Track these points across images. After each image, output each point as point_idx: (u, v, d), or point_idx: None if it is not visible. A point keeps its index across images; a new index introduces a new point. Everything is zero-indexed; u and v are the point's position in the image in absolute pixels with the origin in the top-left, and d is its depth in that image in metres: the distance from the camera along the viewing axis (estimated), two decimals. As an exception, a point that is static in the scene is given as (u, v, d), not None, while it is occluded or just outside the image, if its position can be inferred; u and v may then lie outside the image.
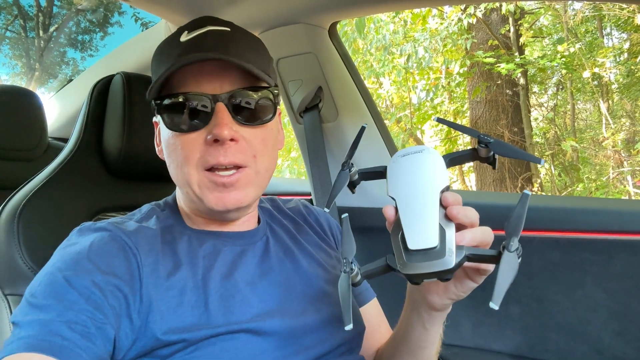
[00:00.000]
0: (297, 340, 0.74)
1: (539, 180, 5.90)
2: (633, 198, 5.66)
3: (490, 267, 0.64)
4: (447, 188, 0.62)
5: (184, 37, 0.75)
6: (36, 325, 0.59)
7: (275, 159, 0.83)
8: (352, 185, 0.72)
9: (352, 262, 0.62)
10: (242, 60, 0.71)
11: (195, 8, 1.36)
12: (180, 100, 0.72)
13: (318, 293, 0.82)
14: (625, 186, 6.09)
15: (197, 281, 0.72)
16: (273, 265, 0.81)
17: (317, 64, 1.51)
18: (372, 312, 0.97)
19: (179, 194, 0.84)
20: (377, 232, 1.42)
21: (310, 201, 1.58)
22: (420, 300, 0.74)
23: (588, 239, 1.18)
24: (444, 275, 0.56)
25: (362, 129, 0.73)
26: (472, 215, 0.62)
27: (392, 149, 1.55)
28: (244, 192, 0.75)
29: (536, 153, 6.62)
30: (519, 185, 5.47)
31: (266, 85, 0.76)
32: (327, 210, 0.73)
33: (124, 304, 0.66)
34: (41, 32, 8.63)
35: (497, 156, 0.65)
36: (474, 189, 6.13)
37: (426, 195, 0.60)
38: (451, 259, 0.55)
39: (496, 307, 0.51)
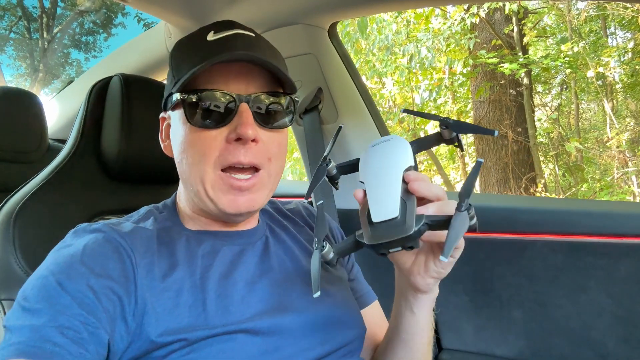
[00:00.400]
0: (296, 341, 0.74)
1: (542, 181, 5.87)
2: (638, 199, 5.63)
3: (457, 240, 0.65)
4: (412, 168, 0.66)
5: (211, 37, 0.76)
6: (27, 330, 0.59)
7: (284, 164, 0.84)
8: (333, 180, 0.75)
9: (323, 241, 0.66)
10: (270, 65, 0.73)
11: (194, 10, 1.36)
12: (207, 97, 0.73)
13: None
14: (630, 186, 6.06)
15: (195, 281, 0.72)
16: (273, 264, 0.81)
17: (316, 65, 1.50)
18: (374, 314, 0.97)
19: (181, 193, 0.84)
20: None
21: (311, 203, 1.57)
22: (405, 285, 0.76)
23: (592, 242, 1.16)
24: (406, 243, 0.60)
25: (339, 128, 0.78)
26: (436, 190, 0.65)
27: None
28: (256, 195, 0.76)
29: (540, 153, 6.59)
30: (523, 185, 5.45)
31: (287, 91, 0.78)
32: (305, 201, 0.75)
33: (119, 306, 0.65)
34: (45, 34, 8.67)
35: (460, 138, 0.70)
36: (478, 190, 6.11)
37: (389, 174, 0.65)
38: (411, 226, 0.59)
39: (445, 260, 0.55)
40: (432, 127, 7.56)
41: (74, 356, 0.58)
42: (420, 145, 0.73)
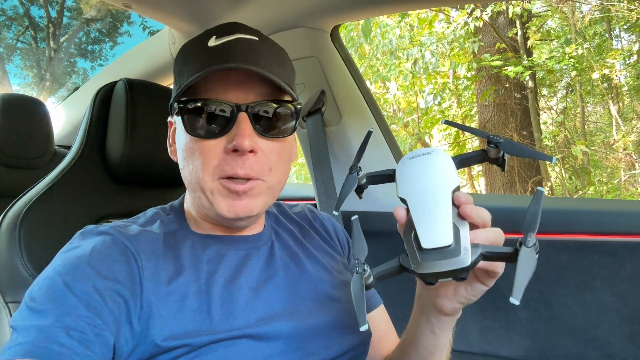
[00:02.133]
0: (301, 345, 0.73)
1: (549, 184, 5.84)
2: (645, 201, 5.58)
3: (500, 269, 0.63)
4: (458, 188, 0.62)
5: (213, 42, 0.74)
6: (34, 331, 0.59)
7: (288, 172, 0.82)
8: (360, 190, 0.71)
9: (364, 263, 0.61)
10: (269, 73, 0.71)
11: (197, 15, 1.37)
12: (205, 106, 0.72)
13: (324, 298, 0.81)
14: (637, 189, 6.01)
15: (200, 285, 0.71)
16: (278, 269, 0.81)
17: (319, 68, 1.51)
18: (379, 319, 0.96)
19: (187, 197, 0.84)
20: (381, 236, 1.41)
21: (315, 206, 1.57)
22: (430, 305, 0.72)
23: (597, 241, 1.16)
24: (459, 274, 0.55)
25: (369, 133, 0.73)
26: (484, 215, 0.61)
27: (396, 152, 1.54)
28: (255, 201, 0.74)
29: (546, 156, 6.53)
30: (529, 188, 5.42)
31: (289, 99, 0.76)
32: (335, 213, 0.73)
33: (124, 309, 0.65)
34: (52, 43, 8.75)
35: (506, 158, 0.65)
36: (484, 193, 6.08)
37: (438, 195, 0.60)
38: (467, 257, 0.54)
39: (517, 302, 0.50)
40: (437, 132, 7.56)
41: (79, 357, 0.58)
42: (463, 162, 0.67)
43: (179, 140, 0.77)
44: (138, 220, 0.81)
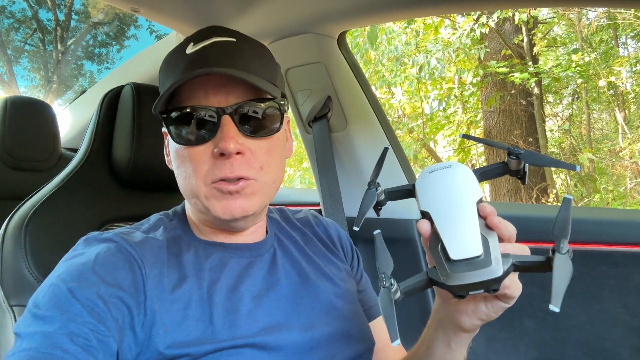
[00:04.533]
0: (304, 355, 0.73)
1: (554, 191, 5.81)
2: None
3: (519, 289, 0.62)
4: (482, 200, 0.61)
5: (190, 49, 0.74)
6: (38, 337, 0.59)
7: (283, 169, 0.82)
8: (378, 205, 0.70)
9: (390, 277, 0.59)
10: (247, 73, 0.71)
11: (204, 19, 1.37)
12: (187, 113, 0.72)
13: (326, 307, 0.80)
14: (643, 197, 5.97)
15: (203, 294, 0.71)
16: (280, 278, 0.80)
17: (325, 74, 1.51)
18: (382, 327, 0.95)
19: (187, 203, 0.84)
20: (389, 243, 1.40)
21: (319, 211, 1.57)
22: (448, 320, 0.70)
23: (605, 251, 1.14)
24: (491, 286, 0.54)
25: (385, 150, 0.73)
26: (510, 228, 0.60)
27: (402, 159, 1.53)
28: (249, 200, 0.74)
29: (552, 163, 6.51)
30: (534, 195, 5.40)
31: (271, 96, 0.75)
32: (356, 229, 0.71)
33: (128, 316, 0.65)
34: (59, 46, 8.81)
35: (527, 170, 0.64)
36: (489, 199, 6.06)
37: (463, 206, 0.59)
38: (498, 267, 0.53)
39: (557, 309, 0.49)
40: (442, 137, 7.55)
41: None
42: (484, 174, 0.67)
43: (171, 149, 0.78)
44: (142, 226, 0.80)
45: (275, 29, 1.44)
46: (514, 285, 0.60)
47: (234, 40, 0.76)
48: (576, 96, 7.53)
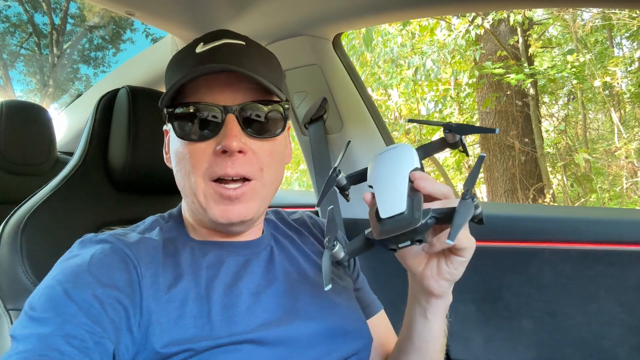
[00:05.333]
0: (302, 351, 0.73)
1: (551, 191, 5.83)
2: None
3: (467, 239, 0.67)
4: (417, 169, 0.68)
5: (200, 49, 0.76)
6: (34, 339, 0.59)
7: (282, 173, 0.83)
8: (343, 190, 0.76)
9: (334, 241, 0.68)
10: (255, 74, 0.72)
11: (200, 22, 1.37)
12: (192, 109, 0.73)
13: (324, 303, 0.81)
14: (639, 196, 5.99)
15: (200, 291, 0.71)
16: (278, 274, 0.81)
17: (321, 76, 1.51)
18: (380, 324, 0.96)
19: (184, 204, 0.84)
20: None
21: (316, 213, 1.57)
22: (418, 289, 0.75)
23: (602, 250, 1.15)
24: (414, 236, 0.61)
25: (348, 142, 0.82)
26: (442, 188, 0.66)
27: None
28: (248, 205, 0.74)
29: (548, 164, 6.55)
30: (531, 196, 5.41)
31: (277, 99, 0.76)
32: (317, 208, 0.75)
33: (124, 317, 0.65)
34: (55, 49, 8.80)
35: (465, 142, 0.72)
36: (485, 200, 6.07)
37: (395, 175, 0.67)
38: (418, 218, 0.60)
39: (451, 243, 0.57)
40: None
41: None
42: (426, 151, 0.74)
43: (172, 145, 0.78)
44: (137, 228, 0.81)
45: (270, 32, 1.44)
46: (460, 237, 0.64)
47: (244, 43, 0.78)
48: (572, 97, 7.56)
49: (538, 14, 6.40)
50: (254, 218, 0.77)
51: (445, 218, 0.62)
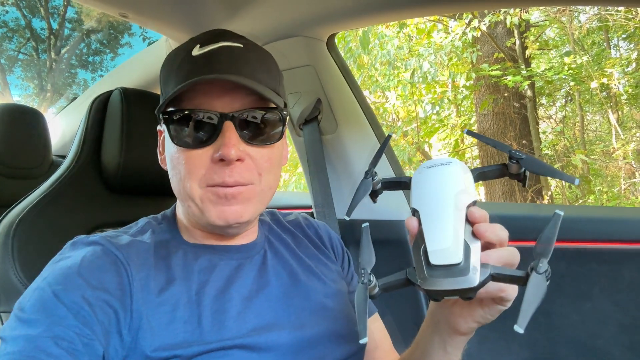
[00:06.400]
0: (294, 356, 0.72)
1: (549, 193, 5.83)
2: (646, 209, 5.56)
3: (514, 293, 0.61)
4: (474, 203, 0.60)
5: (196, 51, 0.74)
6: (22, 340, 0.58)
7: (279, 176, 0.82)
8: (374, 195, 0.71)
9: (370, 274, 0.59)
10: (254, 81, 0.71)
11: (194, 23, 1.37)
12: (189, 115, 0.71)
13: (317, 307, 0.80)
14: (637, 197, 6.00)
15: (191, 296, 0.71)
16: (270, 279, 0.80)
17: (315, 76, 1.51)
18: (374, 328, 0.95)
19: (179, 206, 0.83)
20: (387, 244, 1.39)
21: (311, 214, 1.56)
22: (444, 323, 0.70)
23: (595, 248, 1.15)
24: (466, 294, 0.53)
25: (389, 137, 0.74)
26: (501, 234, 0.59)
27: (392, 159, 1.53)
28: (244, 206, 0.74)
29: (546, 165, 6.54)
30: (529, 197, 5.41)
31: (275, 106, 0.75)
32: (347, 218, 0.72)
33: (114, 319, 0.64)
34: (53, 54, 8.81)
35: (527, 174, 0.63)
36: (483, 201, 6.07)
37: (452, 209, 0.58)
38: (475, 277, 0.53)
39: (521, 331, 0.49)
40: (437, 141, 7.57)
41: None
42: (482, 175, 0.66)
43: (167, 149, 0.77)
44: (129, 230, 0.80)
45: (264, 33, 1.44)
46: (510, 289, 0.60)
47: (241, 46, 0.76)
48: (569, 98, 7.57)
49: (535, 16, 6.42)
50: (250, 220, 0.76)
51: (505, 281, 0.54)
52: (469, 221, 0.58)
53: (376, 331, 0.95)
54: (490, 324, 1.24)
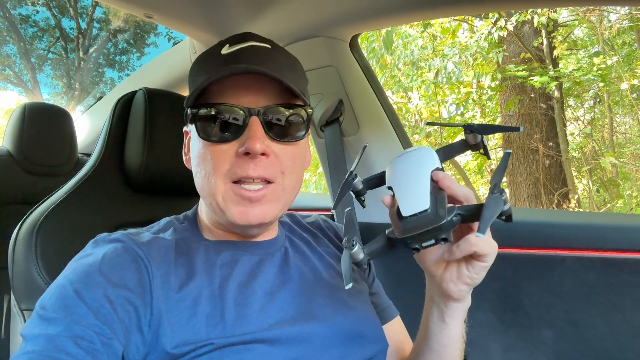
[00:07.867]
0: (315, 353, 0.72)
1: (576, 196, 5.69)
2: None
3: (487, 244, 0.65)
4: (439, 169, 0.67)
5: (226, 50, 0.76)
6: (42, 339, 0.59)
7: (302, 178, 0.82)
8: (359, 195, 0.75)
9: (353, 240, 0.66)
10: (281, 77, 0.72)
11: (217, 24, 1.38)
12: (216, 111, 0.73)
13: (339, 304, 0.80)
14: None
15: (214, 290, 0.71)
16: (292, 275, 0.80)
17: (337, 77, 1.50)
18: (396, 330, 0.95)
19: (201, 205, 0.84)
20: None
21: (331, 217, 1.55)
22: (437, 292, 0.74)
23: (626, 258, 1.10)
24: (439, 234, 0.59)
25: (364, 148, 0.79)
26: (466, 190, 0.65)
27: None
28: (268, 207, 0.74)
29: (573, 168, 6.40)
30: (555, 201, 5.29)
31: (301, 103, 0.76)
32: (333, 211, 0.74)
33: (135, 317, 0.65)
34: (81, 53, 9.00)
35: (486, 144, 0.71)
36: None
37: (417, 174, 0.65)
38: (443, 215, 0.59)
39: (482, 236, 0.55)
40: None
41: None
42: (446, 153, 0.73)
43: (193, 146, 0.78)
44: (151, 228, 0.81)
45: (287, 33, 1.44)
46: (481, 242, 0.64)
47: (269, 47, 0.78)
48: (598, 100, 7.38)
49: (563, 15, 6.27)
50: (272, 221, 0.77)
51: (472, 216, 0.61)
52: (434, 180, 0.65)
53: (398, 333, 0.95)
54: (515, 333, 1.21)
